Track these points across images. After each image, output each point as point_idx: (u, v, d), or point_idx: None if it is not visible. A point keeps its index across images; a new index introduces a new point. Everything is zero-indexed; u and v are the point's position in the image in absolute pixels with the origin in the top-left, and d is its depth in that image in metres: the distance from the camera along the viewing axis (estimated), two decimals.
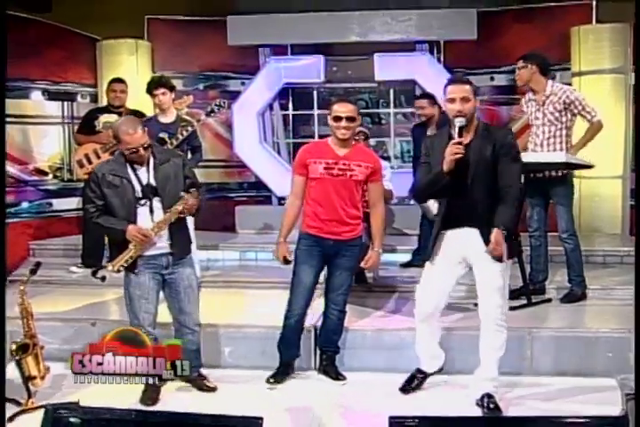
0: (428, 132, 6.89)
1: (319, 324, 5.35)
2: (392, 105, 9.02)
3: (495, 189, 4.38)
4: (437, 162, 4.37)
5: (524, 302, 5.93)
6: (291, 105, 9.08)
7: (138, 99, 7.70)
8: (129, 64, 8.90)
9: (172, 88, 6.53)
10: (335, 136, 4.83)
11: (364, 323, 5.61)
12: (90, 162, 7.00)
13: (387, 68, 8.27)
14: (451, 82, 4.48)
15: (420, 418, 3.23)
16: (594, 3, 8.57)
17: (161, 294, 4.82)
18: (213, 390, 4.90)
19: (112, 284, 6.69)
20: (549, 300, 6.07)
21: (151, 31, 9.24)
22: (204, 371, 5.06)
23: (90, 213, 4.63)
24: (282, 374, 5.09)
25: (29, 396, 4.62)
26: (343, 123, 4.75)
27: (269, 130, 8.80)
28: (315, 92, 8.86)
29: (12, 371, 5.03)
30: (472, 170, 4.34)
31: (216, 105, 6.45)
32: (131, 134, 4.51)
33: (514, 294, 6.03)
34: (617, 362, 5.19)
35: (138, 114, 7.11)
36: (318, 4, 8.37)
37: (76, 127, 8.47)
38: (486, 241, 4.35)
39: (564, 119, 5.91)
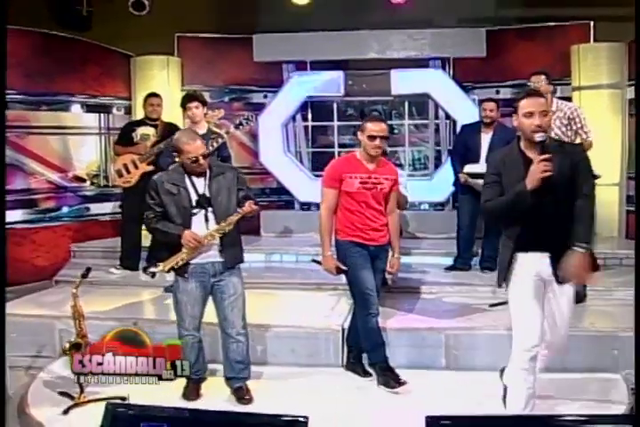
0: (483, 135, 6.87)
1: (346, 324, 5.36)
2: (407, 116, 8.96)
3: (572, 209, 3.87)
4: (513, 182, 3.83)
5: None
6: (312, 116, 9.03)
7: (170, 111, 7.71)
8: (160, 78, 8.94)
9: (204, 102, 6.51)
10: (367, 152, 4.80)
11: (388, 323, 5.56)
12: (128, 171, 6.99)
13: (402, 83, 8.24)
14: (527, 95, 3.92)
15: (456, 418, 3.22)
16: (592, 23, 8.57)
17: None
18: (248, 402, 4.68)
19: (149, 285, 6.86)
20: None
21: (181, 48, 9.25)
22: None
23: (149, 219, 4.60)
24: (394, 375, 4.89)
25: (82, 391, 4.60)
26: (377, 142, 4.73)
27: (292, 140, 8.78)
28: (334, 105, 8.83)
29: (61, 368, 5.13)
30: (552, 188, 3.78)
31: (244, 119, 6.42)
32: (190, 144, 4.49)
33: None
34: (622, 358, 5.16)
35: (173, 126, 7.13)
36: (339, 23, 8.39)
37: (112, 137, 8.54)
38: (557, 265, 3.89)
39: (569, 133, 5.93)
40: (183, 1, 8.94)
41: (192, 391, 4.73)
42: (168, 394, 4.61)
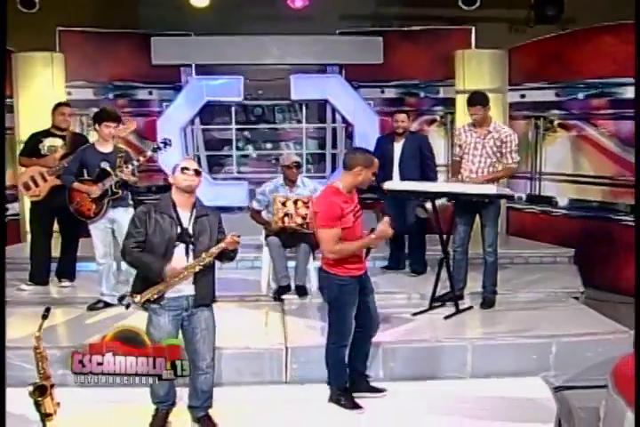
0: (395, 144, 7.24)
1: (289, 344, 5.62)
2: (304, 117, 9.10)
3: None
4: None
5: (453, 310, 6.35)
6: (208, 119, 9.02)
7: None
8: (44, 76, 8.64)
9: (120, 121, 6.41)
10: (358, 186, 4.83)
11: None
12: (36, 184, 6.75)
13: (302, 89, 8.40)
14: None
15: None
16: (473, 28, 9.08)
17: None
18: None
19: (64, 302, 6.76)
20: (471, 307, 6.51)
21: (63, 43, 8.95)
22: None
23: (128, 249, 4.53)
24: (351, 398, 5.12)
25: None
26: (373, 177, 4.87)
27: (191, 143, 8.72)
28: (233, 109, 8.85)
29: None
30: None
31: (162, 142, 6.28)
32: (185, 160, 4.70)
33: (441, 299, 6.50)
34: (540, 362, 5.72)
35: (81, 138, 6.99)
36: (239, 27, 8.43)
37: None
38: None
39: (498, 154, 6.30)
40: None
41: (159, 422, 4.78)
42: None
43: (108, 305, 6.47)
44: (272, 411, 5.07)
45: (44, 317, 4.60)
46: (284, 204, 6.54)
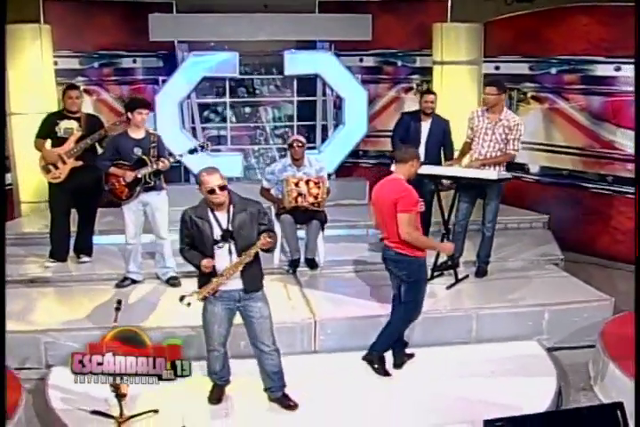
0: (423, 124, 7.69)
1: (317, 318, 6.31)
2: (295, 94, 9.57)
3: None
4: None
5: (453, 281, 7.11)
6: (205, 93, 9.47)
7: (44, 88, 7.85)
8: (33, 50, 8.79)
9: (151, 108, 6.80)
10: (410, 176, 5.58)
11: (344, 311, 6.53)
12: (56, 167, 7.09)
13: (294, 64, 8.86)
14: None
15: (507, 419, 4.23)
16: (449, 2, 9.61)
17: None
18: (295, 407, 5.31)
19: (88, 279, 7.19)
20: (467, 276, 7.25)
21: (47, 12, 9.06)
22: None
23: (180, 248, 5.11)
24: (384, 365, 5.82)
25: (121, 411, 4.97)
26: None
27: (187, 117, 9.14)
28: (227, 82, 9.27)
29: (64, 382, 5.35)
30: None
31: (200, 146, 6.74)
32: (207, 175, 4.92)
33: (439, 268, 7.20)
34: (534, 328, 6.57)
35: (95, 119, 7.35)
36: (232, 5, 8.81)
37: None
38: None
39: (505, 141, 6.95)
40: None
41: (217, 395, 5.41)
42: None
43: (134, 282, 7.00)
44: (305, 378, 5.71)
45: (117, 309, 5.09)
46: (296, 184, 7.10)
